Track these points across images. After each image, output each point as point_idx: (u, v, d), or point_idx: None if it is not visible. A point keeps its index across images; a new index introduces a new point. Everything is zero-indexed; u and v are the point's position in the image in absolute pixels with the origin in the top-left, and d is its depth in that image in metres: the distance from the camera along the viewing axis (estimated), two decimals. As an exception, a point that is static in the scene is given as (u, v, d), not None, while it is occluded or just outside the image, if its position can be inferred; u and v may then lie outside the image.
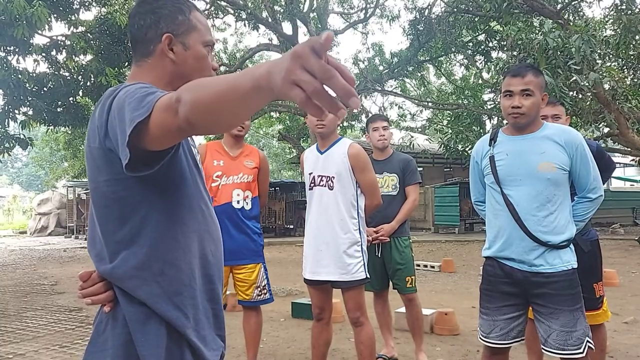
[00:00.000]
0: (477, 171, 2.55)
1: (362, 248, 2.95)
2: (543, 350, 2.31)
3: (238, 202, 3.21)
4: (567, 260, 2.28)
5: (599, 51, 9.26)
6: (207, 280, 1.30)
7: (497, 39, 14.14)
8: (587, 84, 8.92)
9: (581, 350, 2.20)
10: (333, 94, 0.73)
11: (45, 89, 9.59)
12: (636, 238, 12.46)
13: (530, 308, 2.38)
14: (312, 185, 3.04)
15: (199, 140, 22.62)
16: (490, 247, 2.41)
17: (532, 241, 2.26)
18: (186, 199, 1.25)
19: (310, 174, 3.06)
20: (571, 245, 2.32)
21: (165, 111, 0.96)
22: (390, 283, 3.78)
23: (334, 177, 2.94)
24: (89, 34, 9.42)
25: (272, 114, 21.25)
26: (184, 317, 1.21)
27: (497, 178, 2.35)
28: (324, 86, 0.72)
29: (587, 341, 2.23)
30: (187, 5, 1.31)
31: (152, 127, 0.98)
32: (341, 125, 16.09)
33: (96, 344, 1.21)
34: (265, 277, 3.35)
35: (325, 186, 2.97)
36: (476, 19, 14.18)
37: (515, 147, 2.35)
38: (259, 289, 3.30)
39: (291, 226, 17.67)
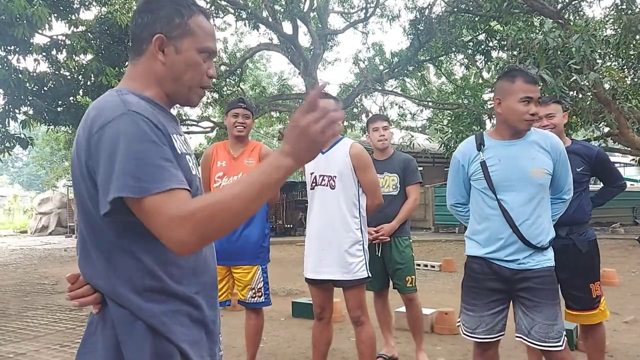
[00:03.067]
0: (462, 174, 2.54)
1: (363, 247, 2.96)
2: (524, 341, 2.38)
3: None
4: (550, 257, 2.39)
5: (599, 51, 9.26)
6: (209, 288, 1.30)
7: (497, 38, 14.14)
8: (587, 84, 8.93)
9: (561, 344, 2.29)
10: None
11: (45, 88, 9.59)
12: (636, 237, 12.46)
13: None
14: (313, 185, 3.04)
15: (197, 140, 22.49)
16: (481, 249, 2.45)
17: (524, 244, 2.34)
18: None
19: (311, 173, 3.06)
20: (552, 245, 2.43)
21: (171, 220, 1.07)
22: (391, 282, 3.78)
23: (335, 177, 2.95)
24: (89, 34, 9.42)
25: (272, 113, 21.25)
26: (172, 324, 1.20)
27: (491, 184, 2.38)
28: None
29: (565, 335, 2.34)
30: (188, 9, 1.27)
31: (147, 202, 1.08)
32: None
33: (87, 345, 1.21)
34: (262, 279, 3.29)
35: (327, 186, 2.97)
36: (476, 19, 14.18)
37: (506, 152, 2.39)
38: (253, 291, 3.25)
39: (291, 226, 17.67)
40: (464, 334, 2.50)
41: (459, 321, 2.56)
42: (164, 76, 1.26)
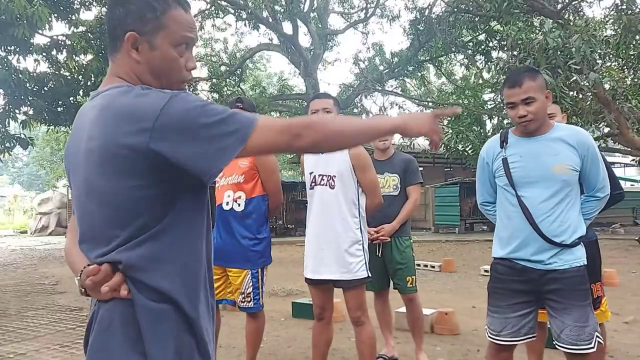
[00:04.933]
0: (487, 172, 2.55)
1: (363, 247, 2.96)
2: (557, 346, 2.32)
3: (227, 203, 3.14)
4: (579, 256, 2.32)
5: (599, 51, 9.25)
6: (209, 275, 1.31)
7: (497, 38, 14.13)
8: (587, 84, 8.92)
9: (592, 345, 2.24)
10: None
11: (45, 88, 9.60)
12: (636, 238, 12.46)
13: (539, 309, 2.42)
14: (312, 184, 3.04)
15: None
16: (504, 248, 2.42)
17: (546, 242, 2.29)
18: (207, 198, 1.28)
19: (311, 173, 3.06)
20: (582, 243, 2.35)
21: (280, 133, 1.17)
22: (391, 283, 3.78)
23: (335, 177, 2.94)
24: (89, 34, 9.43)
25: (272, 113, 21.24)
26: (198, 310, 1.22)
27: (512, 180, 2.37)
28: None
29: (597, 336, 2.27)
30: (163, 3, 1.22)
31: (250, 149, 1.16)
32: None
33: (101, 341, 1.19)
34: (251, 284, 3.15)
35: (326, 185, 2.97)
36: (476, 19, 14.16)
37: (528, 149, 2.36)
38: (243, 296, 3.15)
39: (291, 226, 17.67)
40: (488, 337, 2.44)
41: (487, 325, 2.50)
42: (143, 73, 1.24)
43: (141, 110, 1.11)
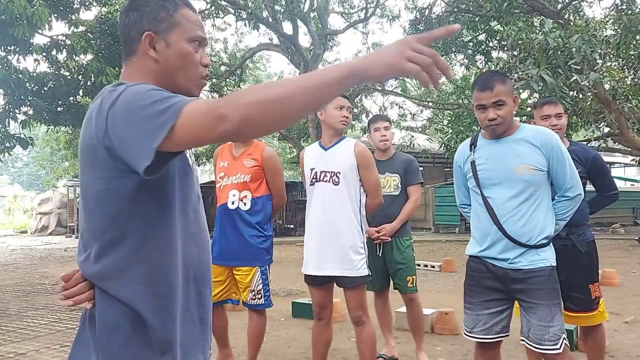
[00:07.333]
0: (461, 175, 2.63)
1: (364, 245, 2.98)
2: (522, 342, 2.35)
3: (233, 202, 3.18)
4: (546, 257, 2.34)
5: (599, 51, 9.24)
6: (194, 283, 1.28)
7: (497, 38, 14.13)
8: (587, 84, 8.92)
9: (558, 347, 2.25)
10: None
11: (45, 88, 9.60)
12: (637, 238, 12.45)
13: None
14: (313, 180, 3.03)
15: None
16: (475, 247, 2.49)
17: (511, 242, 2.33)
18: (173, 201, 1.23)
19: (312, 169, 3.05)
20: (551, 245, 2.38)
21: (205, 116, 1.00)
22: (391, 283, 3.78)
23: (339, 173, 2.95)
24: (89, 34, 9.43)
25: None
26: (170, 321, 1.20)
27: (478, 182, 2.44)
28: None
29: (564, 338, 2.29)
30: (173, 2, 1.27)
31: (180, 132, 1.01)
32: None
33: (81, 339, 1.24)
34: (261, 281, 3.23)
35: (329, 181, 2.97)
36: (476, 19, 14.16)
37: (493, 151, 2.42)
38: (253, 293, 3.22)
39: (291, 226, 17.67)
40: (464, 333, 2.52)
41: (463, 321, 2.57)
42: (159, 72, 1.25)
43: (105, 103, 1.13)
